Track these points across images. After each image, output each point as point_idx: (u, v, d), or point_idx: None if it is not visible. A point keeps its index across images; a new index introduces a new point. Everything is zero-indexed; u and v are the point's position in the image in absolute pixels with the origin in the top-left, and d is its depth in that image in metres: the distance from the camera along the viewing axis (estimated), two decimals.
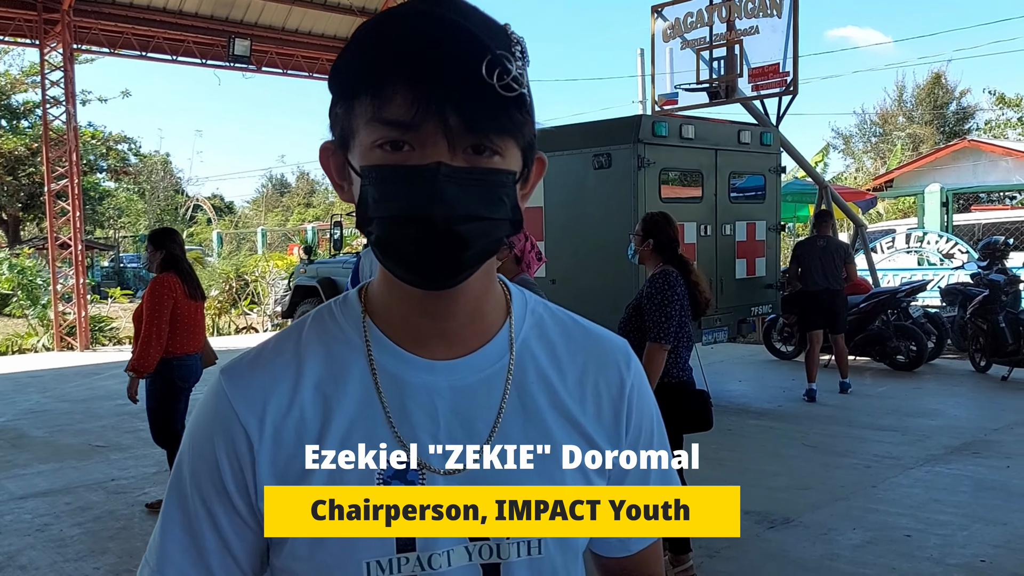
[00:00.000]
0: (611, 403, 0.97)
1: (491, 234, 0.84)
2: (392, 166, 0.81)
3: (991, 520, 4.79)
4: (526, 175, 0.89)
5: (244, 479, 0.90)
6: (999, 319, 9.00)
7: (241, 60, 15.29)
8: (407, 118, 0.79)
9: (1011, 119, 28.11)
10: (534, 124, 0.87)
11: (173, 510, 0.92)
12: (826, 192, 11.55)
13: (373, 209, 0.83)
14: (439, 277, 0.84)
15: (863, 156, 31.97)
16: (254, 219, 39.33)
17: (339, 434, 0.89)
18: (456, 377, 0.92)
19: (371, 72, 0.80)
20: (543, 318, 1.00)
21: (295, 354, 0.93)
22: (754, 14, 10.40)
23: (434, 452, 0.89)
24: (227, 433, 0.90)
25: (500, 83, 0.77)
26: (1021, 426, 7.01)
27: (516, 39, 0.83)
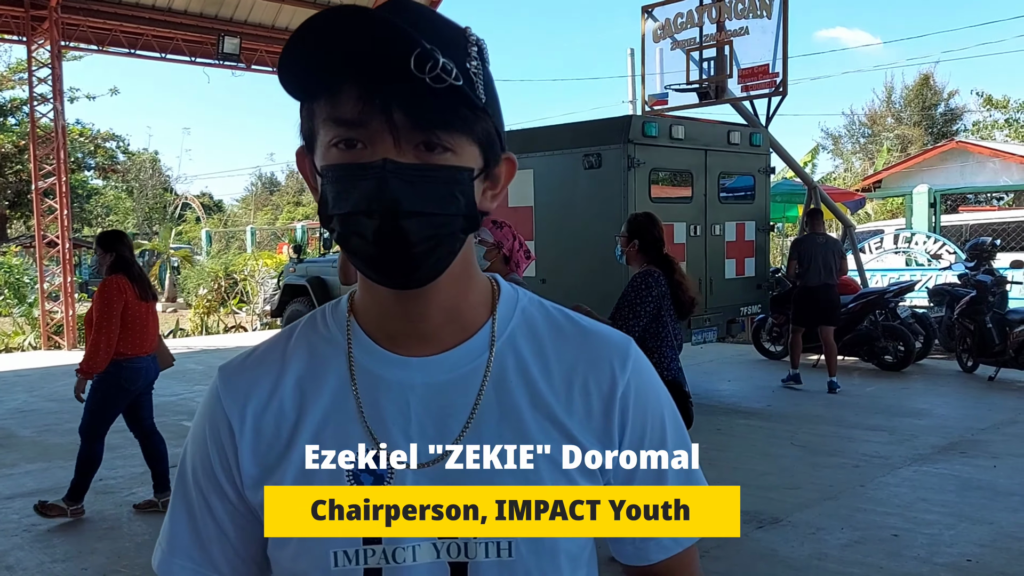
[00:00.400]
0: (601, 402, 0.94)
1: (440, 229, 0.85)
2: (344, 164, 0.83)
3: (978, 519, 4.83)
4: (489, 173, 0.90)
5: (230, 468, 0.94)
6: (986, 320, 9.05)
7: (230, 58, 15.23)
8: (354, 116, 0.81)
9: (998, 120, 28.30)
10: (493, 122, 0.87)
11: (179, 498, 0.99)
12: (815, 193, 11.59)
13: (331, 207, 0.85)
14: (395, 274, 0.86)
15: (852, 157, 32.11)
16: (243, 217, 39.20)
17: (312, 427, 0.92)
18: (430, 374, 0.92)
19: (324, 72, 0.81)
20: (534, 316, 0.98)
21: (282, 353, 0.97)
22: (744, 15, 10.43)
23: (405, 448, 0.90)
24: (215, 425, 0.96)
25: (430, 75, 0.77)
26: (1008, 426, 7.05)
27: (474, 40, 0.85)
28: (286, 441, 0.93)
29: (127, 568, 4.41)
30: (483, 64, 0.86)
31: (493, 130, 0.88)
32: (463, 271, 0.93)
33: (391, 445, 0.90)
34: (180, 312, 21.67)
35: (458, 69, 0.79)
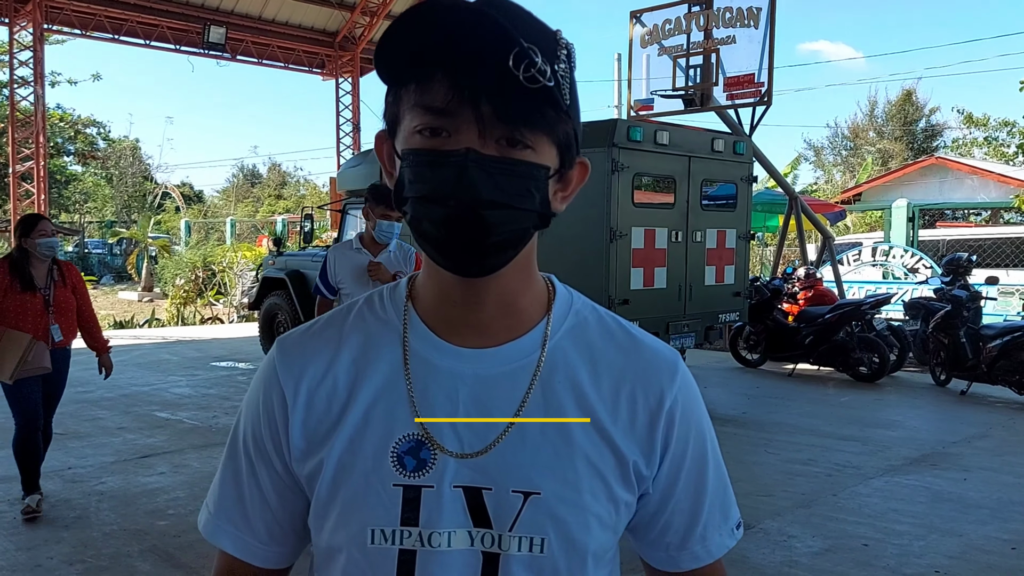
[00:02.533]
0: (647, 414, 0.96)
1: (515, 223, 0.87)
2: (427, 150, 0.85)
3: (947, 531, 4.87)
4: (564, 174, 0.92)
5: (279, 438, 0.97)
6: (960, 334, 9.14)
7: (216, 47, 15.15)
8: (443, 104, 0.83)
9: (978, 138, 28.60)
10: (573, 125, 0.89)
11: (228, 462, 1.02)
12: (796, 203, 11.67)
13: (407, 189, 0.88)
14: (464, 260, 0.88)
15: (833, 169, 32.37)
16: (223, 209, 38.92)
17: (363, 405, 0.94)
18: (481, 366, 0.94)
19: (417, 61, 0.84)
20: (587, 320, 1.00)
21: (339, 331, 1.00)
22: (731, 24, 10.49)
23: (450, 435, 0.92)
24: (268, 394, 0.98)
25: (525, 75, 0.80)
26: (978, 440, 7.12)
27: (564, 44, 0.87)
28: (336, 417, 0.95)
29: (93, 557, 4.35)
30: (570, 68, 0.88)
31: (572, 133, 0.90)
32: (525, 267, 0.96)
33: (437, 432, 0.92)
34: (156, 302, 21.47)
35: (549, 67, 0.82)
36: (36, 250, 5.01)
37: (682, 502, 1.00)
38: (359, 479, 0.92)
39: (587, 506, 0.93)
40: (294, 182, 46.67)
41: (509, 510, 0.91)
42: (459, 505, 0.91)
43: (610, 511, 0.94)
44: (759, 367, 10.78)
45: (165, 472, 5.93)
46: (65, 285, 5.23)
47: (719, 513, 1.03)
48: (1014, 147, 25.23)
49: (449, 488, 0.91)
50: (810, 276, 11.12)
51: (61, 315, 5.17)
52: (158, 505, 5.23)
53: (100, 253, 31.61)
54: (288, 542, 1.02)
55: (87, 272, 26.94)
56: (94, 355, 5.56)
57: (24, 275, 5.00)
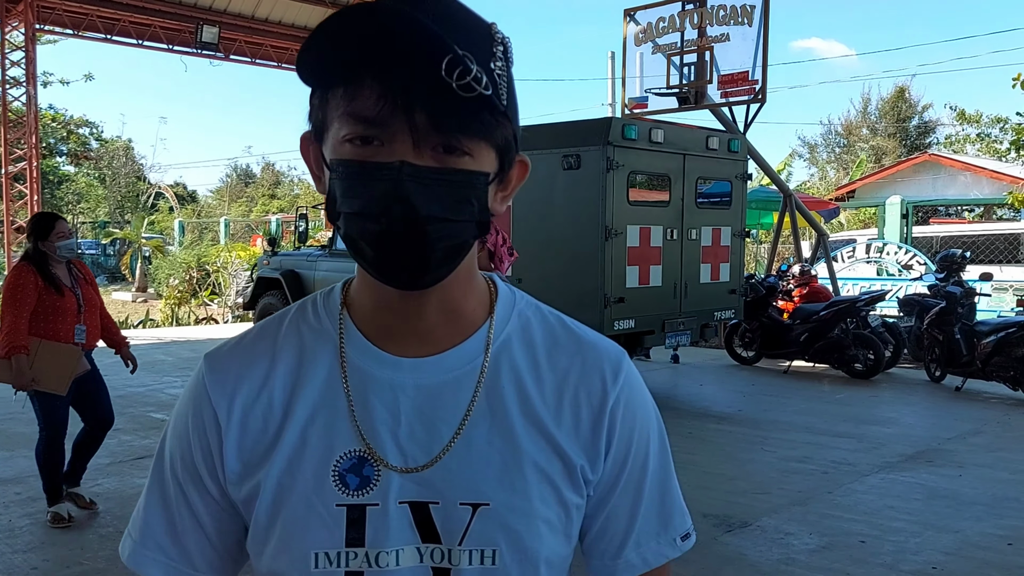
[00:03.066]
0: (591, 416, 0.93)
1: (455, 236, 0.83)
2: (358, 162, 0.81)
3: (943, 528, 4.88)
4: (503, 177, 0.88)
5: (213, 461, 0.91)
6: (955, 331, 9.17)
7: (209, 47, 15.11)
8: (373, 113, 0.79)
9: (970, 135, 28.73)
10: (512, 126, 0.85)
11: (154, 486, 0.95)
12: (791, 201, 11.69)
13: (340, 204, 0.83)
14: (403, 277, 0.84)
15: (827, 166, 32.45)
16: (217, 209, 38.84)
17: (301, 423, 0.90)
18: (422, 375, 0.90)
19: (345, 63, 0.79)
20: (530, 320, 0.96)
21: (273, 343, 0.94)
22: (725, 21, 10.50)
23: (393, 450, 0.88)
24: (199, 414, 0.92)
25: (459, 83, 0.76)
26: (973, 436, 7.14)
27: (499, 39, 0.83)
28: (273, 437, 0.90)
29: (90, 560, 4.34)
30: (507, 65, 0.83)
31: (511, 134, 0.86)
32: (467, 272, 0.91)
33: (379, 447, 0.88)
34: (151, 302, 21.43)
35: (485, 74, 0.77)
36: (55, 253, 4.84)
37: (620, 507, 0.96)
38: (300, 501, 0.88)
39: (537, 513, 0.89)
40: (288, 181, 46.56)
41: (458, 523, 0.88)
42: (406, 521, 0.88)
43: (560, 515, 0.91)
44: (754, 364, 10.79)
45: None
46: (88, 283, 5.11)
47: (656, 519, 0.98)
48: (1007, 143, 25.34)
49: (395, 505, 0.88)
50: (805, 273, 11.14)
51: (91, 314, 5.05)
52: None
53: (93, 254, 31.49)
54: (225, 568, 0.96)
55: None
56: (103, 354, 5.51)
57: (51, 277, 4.82)
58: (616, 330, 7.67)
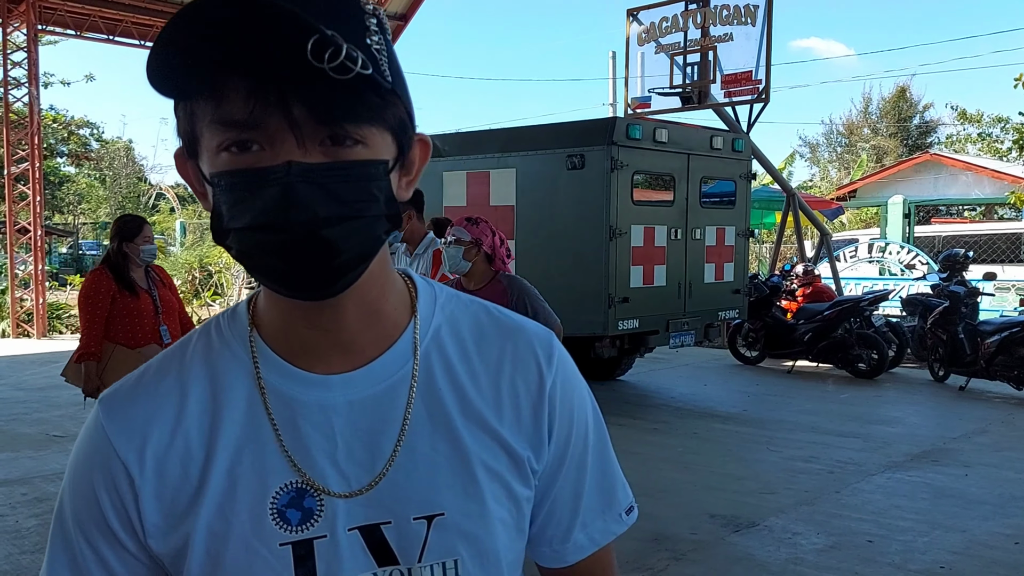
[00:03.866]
0: (530, 403, 0.88)
1: (362, 233, 0.75)
2: (240, 170, 0.73)
3: (950, 527, 4.88)
4: (404, 161, 0.80)
5: (128, 516, 0.83)
6: (958, 330, 9.17)
7: None
8: (245, 115, 0.71)
9: (971, 134, 28.74)
10: (403, 103, 0.77)
11: (58, 551, 0.86)
12: (794, 200, 11.69)
13: (227, 220, 0.75)
14: (311, 288, 0.76)
15: (828, 165, 32.45)
16: None
17: (226, 462, 0.82)
18: (353, 391, 0.84)
19: (201, 66, 0.70)
20: (454, 314, 0.91)
21: (178, 376, 0.86)
22: (729, 21, 10.49)
23: (333, 475, 0.82)
24: (106, 469, 0.83)
25: (331, 65, 0.66)
26: (978, 435, 7.14)
27: (371, 11, 0.75)
28: (196, 483, 0.82)
29: None
30: (384, 38, 0.75)
31: (404, 112, 0.78)
32: (381, 270, 0.83)
33: (318, 475, 0.82)
34: None
35: (360, 51, 0.68)
36: (139, 256, 4.80)
37: (564, 490, 0.92)
38: (239, 547, 0.81)
39: (493, 513, 0.86)
40: None
41: (414, 540, 0.83)
42: (358, 548, 0.82)
43: (513, 511, 0.88)
44: (758, 364, 10.79)
45: None
46: (164, 286, 5.07)
47: (598, 496, 0.95)
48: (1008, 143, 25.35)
49: (344, 532, 0.82)
50: (808, 273, 11.14)
51: (168, 316, 4.99)
52: None
53: (94, 255, 31.50)
54: None
55: (82, 273, 26.88)
56: None
57: (127, 280, 4.78)
58: (620, 330, 7.67)
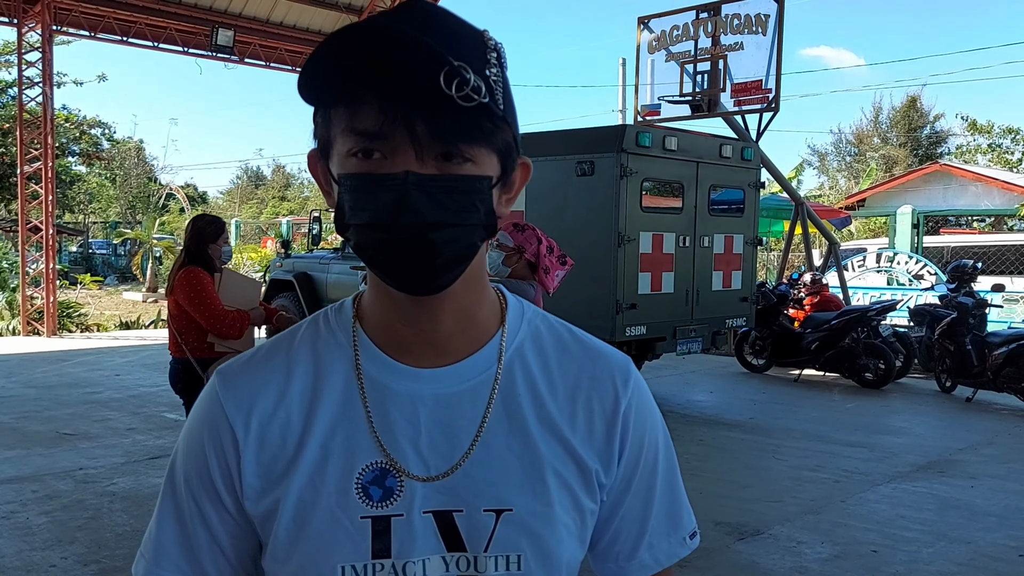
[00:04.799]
0: (604, 421, 0.96)
1: (461, 240, 0.85)
2: (364, 174, 0.83)
3: (956, 538, 4.88)
4: (506, 180, 0.90)
5: (231, 476, 0.92)
6: (966, 341, 9.16)
7: (224, 50, 15.17)
8: (376, 127, 0.81)
9: (981, 145, 28.65)
10: (511, 129, 0.87)
11: (168, 504, 0.95)
12: (802, 209, 11.69)
13: (348, 216, 0.85)
14: (414, 283, 0.86)
15: (837, 175, 32.40)
16: (228, 210, 38.99)
17: (321, 437, 0.90)
18: (440, 386, 0.92)
19: (344, 83, 0.81)
20: (539, 330, 0.99)
21: (286, 357, 0.95)
22: (739, 30, 10.52)
23: (415, 459, 0.90)
24: (215, 432, 0.92)
25: (459, 94, 0.78)
26: (985, 447, 7.14)
27: (492, 45, 0.85)
28: (292, 452, 0.90)
29: (108, 558, 4.38)
30: (502, 71, 0.85)
31: (511, 138, 0.88)
32: (477, 278, 0.93)
33: (401, 457, 0.90)
34: (161, 303, 21.50)
35: (481, 81, 0.79)
36: (219, 257, 4.75)
37: (633, 509, 0.99)
38: (323, 515, 0.89)
39: (558, 518, 0.92)
40: (298, 184, 46.69)
41: (482, 530, 0.90)
42: (431, 531, 0.89)
43: (577, 521, 0.94)
44: (764, 372, 10.80)
45: None
46: None
47: (667, 519, 1.01)
48: (1018, 154, 25.28)
49: (419, 515, 0.89)
50: (816, 282, 11.14)
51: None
52: None
53: (104, 254, 31.65)
54: None
55: (92, 272, 27.01)
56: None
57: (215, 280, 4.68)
58: (628, 336, 7.69)
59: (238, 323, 4.61)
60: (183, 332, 4.64)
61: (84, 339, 14.06)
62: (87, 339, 14.13)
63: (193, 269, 4.61)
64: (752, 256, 9.11)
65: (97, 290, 24.44)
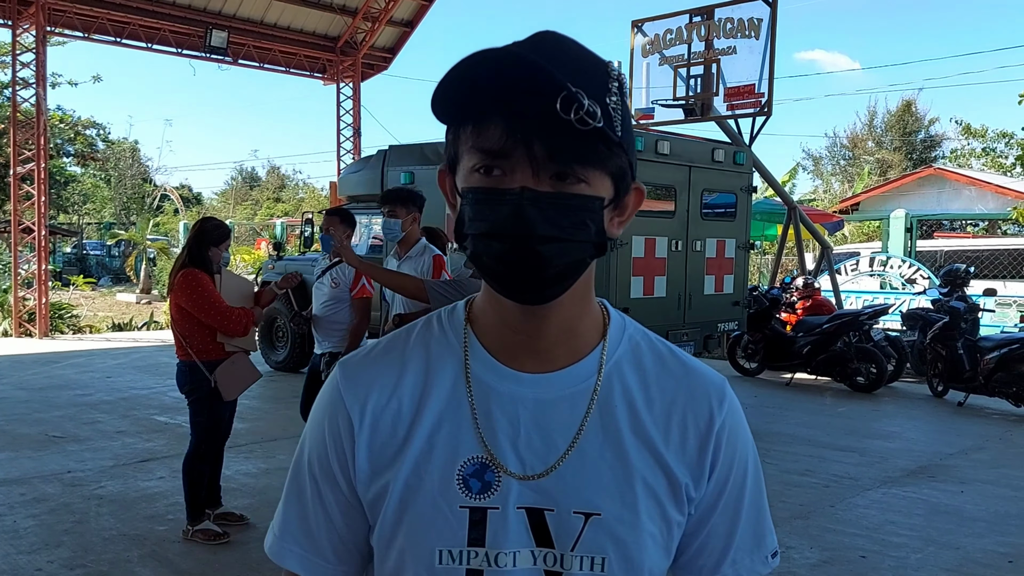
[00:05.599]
0: (698, 437, 1.00)
1: (570, 255, 0.91)
2: (485, 188, 0.90)
3: (944, 544, 4.88)
4: (619, 202, 0.95)
5: (346, 460, 1.00)
6: (958, 345, 9.17)
7: (218, 51, 15.16)
8: (498, 146, 0.88)
9: (976, 149, 28.72)
10: (627, 155, 0.93)
11: (292, 483, 1.05)
12: (795, 213, 11.71)
13: (468, 226, 0.92)
14: (523, 292, 0.92)
15: (831, 178, 32.45)
16: (222, 211, 38.92)
17: (427, 428, 0.97)
18: (541, 390, 0.98)
19: (472, 105, 0.88)
20: (639, 345, 1.04)
21: (401, 353, 1.03)
22: (732, 34, 10.53)
23: (513, 458, 0.96)
24: (334, 418, 1.01)
25: (575, 118, 0.83)
26: (975, 452, 7.15)
27: (615, 76, 0.92)
28: (401, 441, 0.98)
29: (94, 562, 4.36)
30: (622, 99, 0.91)
31: (626, 163, 0.93)
32: (584, 294, 0.99)
33: (500, 455, 0.96)
34: (155, 304, 21.46)
35: (599, 106, 0.85)
36: (219, 261, 4.73)
37: (719, 525, 1.03)
38: (426, 501, 0.95)
39: (644, 526, 0.96)
40: (292, 185, 46.68)
41: (571, 530, 0.95)
42: (523, 526, 0.95)
43: (663, 531, 0.98)
44: (757, 376, 10.80)
45: (164, 477, 5.93)
46: None
47: (751, 537, 1.05)
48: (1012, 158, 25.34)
49: (513, 509, 0.95)
50: (808, 286, 11.16)
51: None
52: (157, 510, 5.23)
53: (98, 255, 31.56)
54: (353, 561, 1.04)
55: (86, 274, 26.93)
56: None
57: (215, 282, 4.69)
58: None
59: (244, 320, 4.64)
60: (187, 335, 4.65)
61: (76, 341, 14.01)
62: (79, 341, 14.08)
63: (192, 271, 4.61)
64: (744, 260, 9.12)
65: (91, 291, 24.37)
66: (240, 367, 4.79)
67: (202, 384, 4.67)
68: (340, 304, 5.16)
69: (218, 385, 4.67)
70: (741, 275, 9.02)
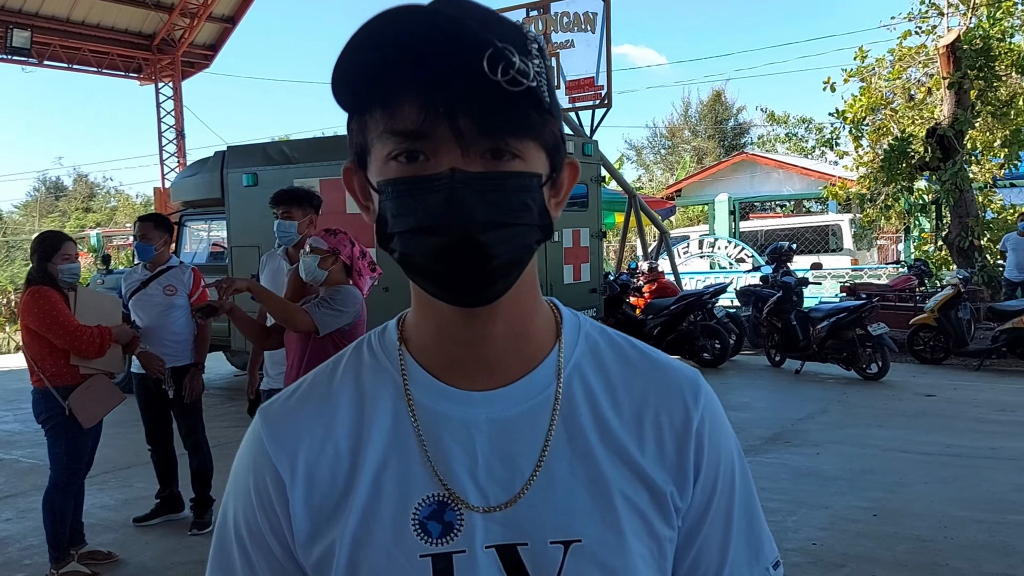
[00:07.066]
0: (675, 439, 0.87)
1: (516, 240, 0.78)
2: (407, 178, 0.76)
3: (814, 504, 5.22)
4: (556, 179, 0.83)
5: (279, 521, 0.85)
6: (791, 318, 9.86)
7: (20, 52, 13.96)
8: (416, 126, 0.74)
9: (780, 134, 30.91)
10: (558, 125, 0.81)
11: (217, 554, 0.90)
12: (635, 201, 12.16)
13: (392, 224, 0.78)
14: (467, 291, 0.79)
15: (654, 167, 33.99)
16: (26, 225, 35.93)
17: (371, 471, 0.84)
18: (495, 409, 0.85)
19: (377, 82, 0.75)
20: (598, 343, 0.91)
21: (329, 389, 0.88)
22: (569, 28, 10.79)
23: (473, 490, 0.83)
24: (260, 475, 0.86)
25: (505, 77, 0.71)
26: (820, 415, 7.70)
27: (532, 37, 0.78)
28: (343, 489, 0.84)
29: None
30: (544, 62, 0.78)
31: (558, 133, 0.81)
32: (531, 289, 0.86)
33: (459, 489, 0.83)
34: None
35: (529, 64, 0.73)
36: (59, 276, 4.33)
37: (712, 536, 0.90)
38: (380, 556, 0.82)
39: (631, 547, 0.84)
40: (103, 193, 43.81)
41: (550, 564, 0.82)
42: (495, 567, 0.82)
43: (653, 550, 0.86)
44: None
45: (11, 519, 5.42)
46: None
47: (747, 548, 0.92)
48: (812, 142, 27.43)
49: (482, 550, 0.82)
50: (653, 270, 11.62)
51: None
52: (11, 556, 4.77)
53: None
54: None
55: None
56: None
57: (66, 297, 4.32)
58: None
59: (97, 340, 4.29)
60: (38, 359, 4.30)
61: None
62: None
63: (38, 288, 4.27)
64: (598, 248, 9.39)
65: None
66: (98, 391, 4.45)
67: (57, 412, 4.32)
68: (177, 311, 4.96)
69: (73, 412, 4.32)
70: (596, 263, 9.28)
